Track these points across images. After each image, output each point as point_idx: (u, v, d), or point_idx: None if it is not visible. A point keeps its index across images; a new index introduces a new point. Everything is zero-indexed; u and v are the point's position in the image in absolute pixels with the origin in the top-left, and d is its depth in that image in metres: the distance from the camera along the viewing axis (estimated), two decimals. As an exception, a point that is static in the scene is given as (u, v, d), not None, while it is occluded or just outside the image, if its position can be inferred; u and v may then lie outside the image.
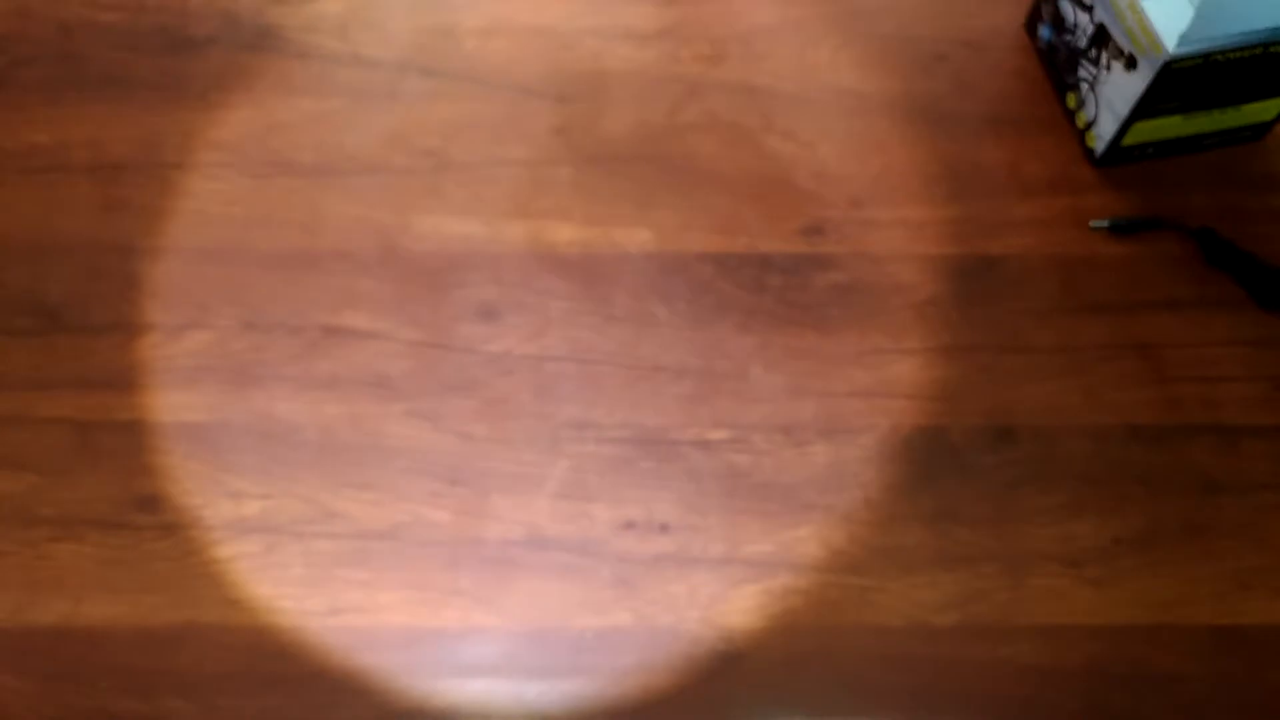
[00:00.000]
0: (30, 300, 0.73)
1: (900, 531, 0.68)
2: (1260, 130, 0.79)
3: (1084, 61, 0.77)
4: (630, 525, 0.67)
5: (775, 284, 0.74)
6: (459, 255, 0.75)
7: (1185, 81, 0.72)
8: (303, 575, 0.66)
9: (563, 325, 0.73)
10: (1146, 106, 0.73)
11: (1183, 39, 0.69)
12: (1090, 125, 0.78)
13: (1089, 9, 0.75)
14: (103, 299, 0.73)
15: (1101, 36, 0.75)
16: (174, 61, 0.81)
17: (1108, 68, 0.75)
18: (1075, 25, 0.77)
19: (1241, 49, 0.70)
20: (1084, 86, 0.78)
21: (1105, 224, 0.76)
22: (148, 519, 0.67)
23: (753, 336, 0.73)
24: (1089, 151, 0.79)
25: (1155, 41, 0.70)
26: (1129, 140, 0.76)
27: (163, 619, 0.65)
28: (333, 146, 0.78)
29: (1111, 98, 0.75)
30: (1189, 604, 0.66)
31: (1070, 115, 0.80)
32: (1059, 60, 0.80)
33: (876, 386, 0.71)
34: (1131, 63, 0.72)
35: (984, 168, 0.78)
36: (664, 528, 0.67)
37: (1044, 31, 0.81)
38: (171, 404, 0.70)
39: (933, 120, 0.80)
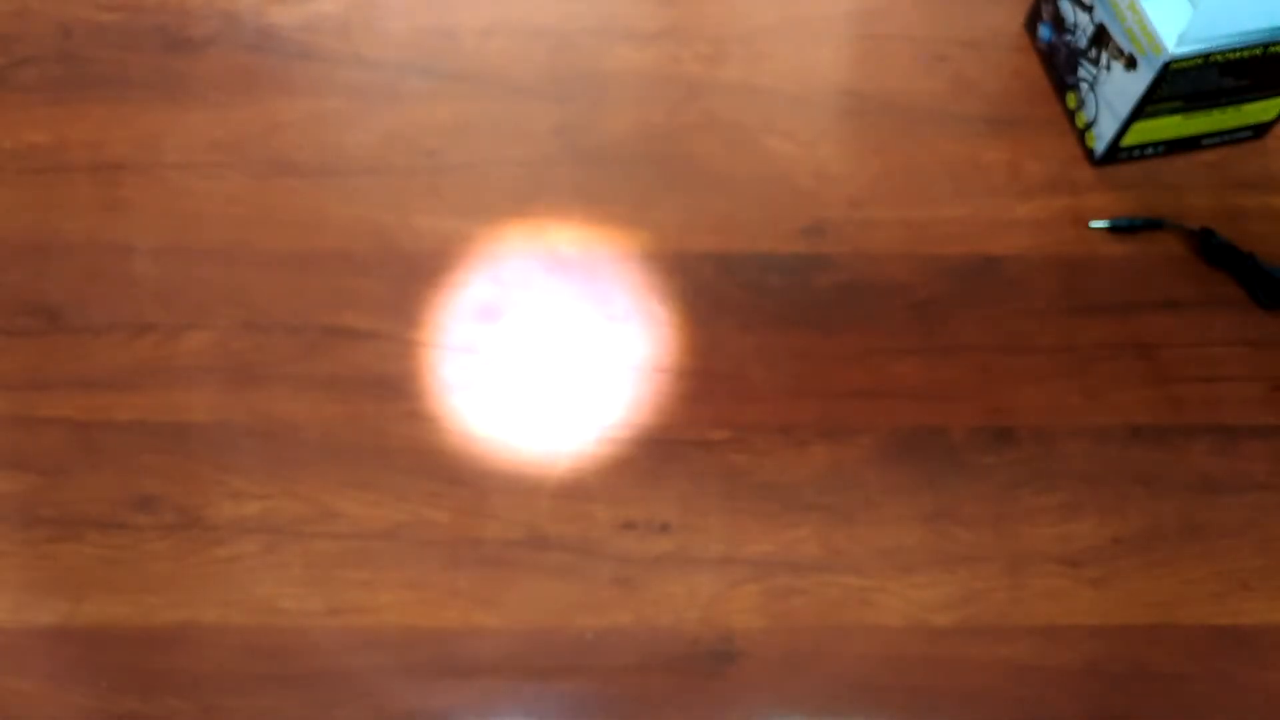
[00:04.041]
0: (30, 300, 0.73)
1: (900, 531, 0.68)
2: (1260, 130, 0.79)
3: (1084, 61, 0.77)
4: (630, 525, 0.67)
5: (775, 284, 0.74)
6: (459, 255, 0.75)
7: (1185, 81, 0.72)
8: (303, 575, 0.66)
9: (563, 325, 0.73)
10: (1146, 106, 0.73)
11: (1182, 39, 0.69)
12: (1090, 125, 0.78)
13: (1089, 9, 0.75)
14: (103, 299, 0.73)
15: (1101, 36, 0.75)
16: (174, 61, 0.81)
17: (1108, 68, 0.75)
18: (1075, 25, 0.77)
19: (1241, 49, 0.70)
20: (1084, 86, 0.78)
21: (1105, 224, 0.76)
22: (148, 519, 0.67)
23: (753, 336, 0.73)
24: (1089, 151, 0.79)
25: (1155, 41, 0.70)
26: (1129, 140, 0.76)
27: (163, 619, 0.65)
28: (333, 146, 0.78)
29: (1111, 98, 0.75)
30: (1189, 604, 0.66)
31: (1070, 115, 0.80)
32: (1059, 60, 0.80)
33: (876, 386, 0.71)
34: (1131, 63, 0.72)
35: (984, 168, 0.79)
36: (664, 528, 0.67)
37: (1044, 31, 0.81)
38: (171, 404, 0.70)
39: (933, 120, 0.80)
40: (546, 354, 0.72)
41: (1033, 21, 0.83)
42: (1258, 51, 0.70)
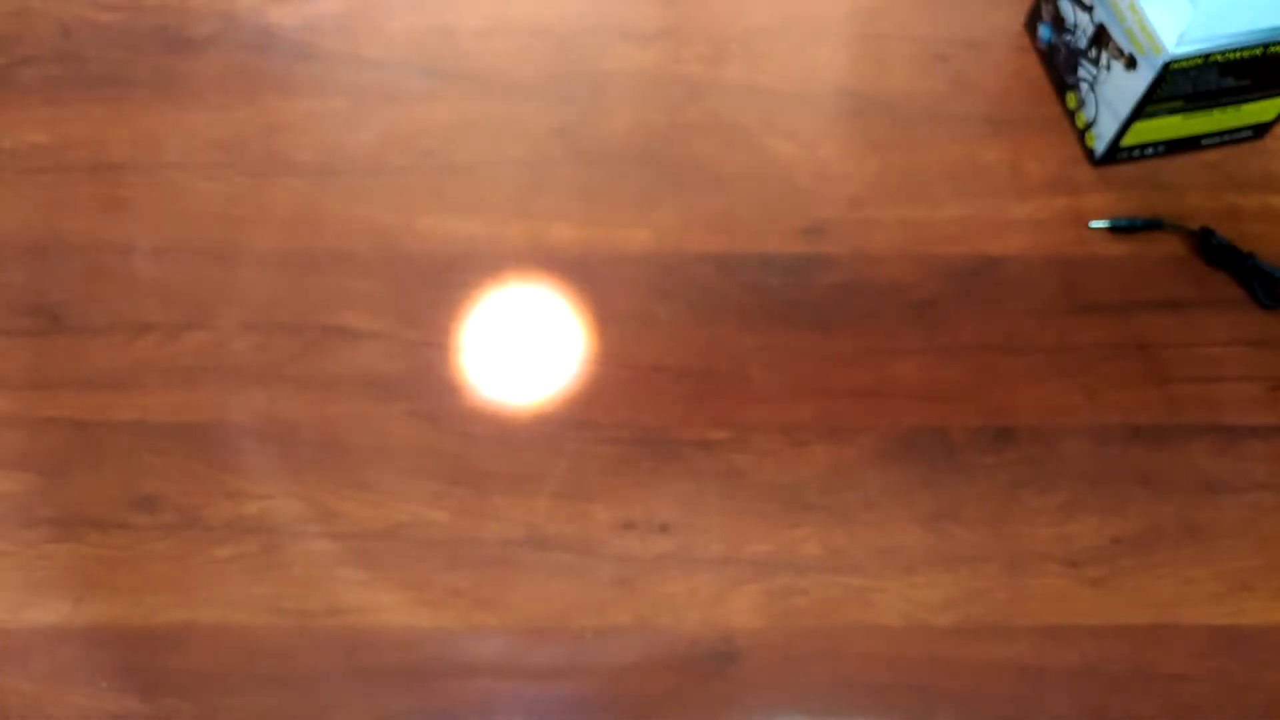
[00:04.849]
0: (30, 300, 0.73)
1: (900, 531, 0.68)
2: (1260, 130, 0.79)
3: (1084, 61, 0.77)
4: (630, 525, 0.67)
5: (775, 284, 0.74)
6: (459, 255, 0.75)
7: (1185, 81, 0.72)
8: (303, 575, 0.66)
9: (562, 325, 0.73)
10: (1146, 106, 0.73)
11: (1182, 39, 0.69)
12: (1090, 125, 0.78)
13: (1089, 9, 0.75)
14: (103, 299, 0.73)
15: (1101, 36, 0.75)
16: (174, 61, 0.81)
17: (1108, 68, 0.75)
18: (1075, 25, 0.77)
19: (1241, 49, 0.70)
20: (1084, 86, 0.78)
21: (1105, 224, 0.76)
22: (148, 519, 0.67)
23: (753, 336, 0.73)
24: (1089, 151, 0.79)
25: (1155, 41, 0.70)
26: (1129, 140, 0.76)
27: (163, 619, 0.65)
28: (333, 146, 0.78)
29: (1111, 98, 0.75)
30: (1189, 604, 0.66)
31: (1070, 115, 0.80)
32: (1059, 60, 0.80)
33: (876, 386, 0.71)
34: (1131, 63, 0.72)
35: (984, 168, 0.79)
36: (664, 528, 0.67)
37: (1044, 31, 0.81)
38: (171, 404, 0.70)
39: (933, 120, 0.80)
40: (546, 354, 0.72)
41: (1033, 21, 0.83)
42: (1258, 51, 0.70)
